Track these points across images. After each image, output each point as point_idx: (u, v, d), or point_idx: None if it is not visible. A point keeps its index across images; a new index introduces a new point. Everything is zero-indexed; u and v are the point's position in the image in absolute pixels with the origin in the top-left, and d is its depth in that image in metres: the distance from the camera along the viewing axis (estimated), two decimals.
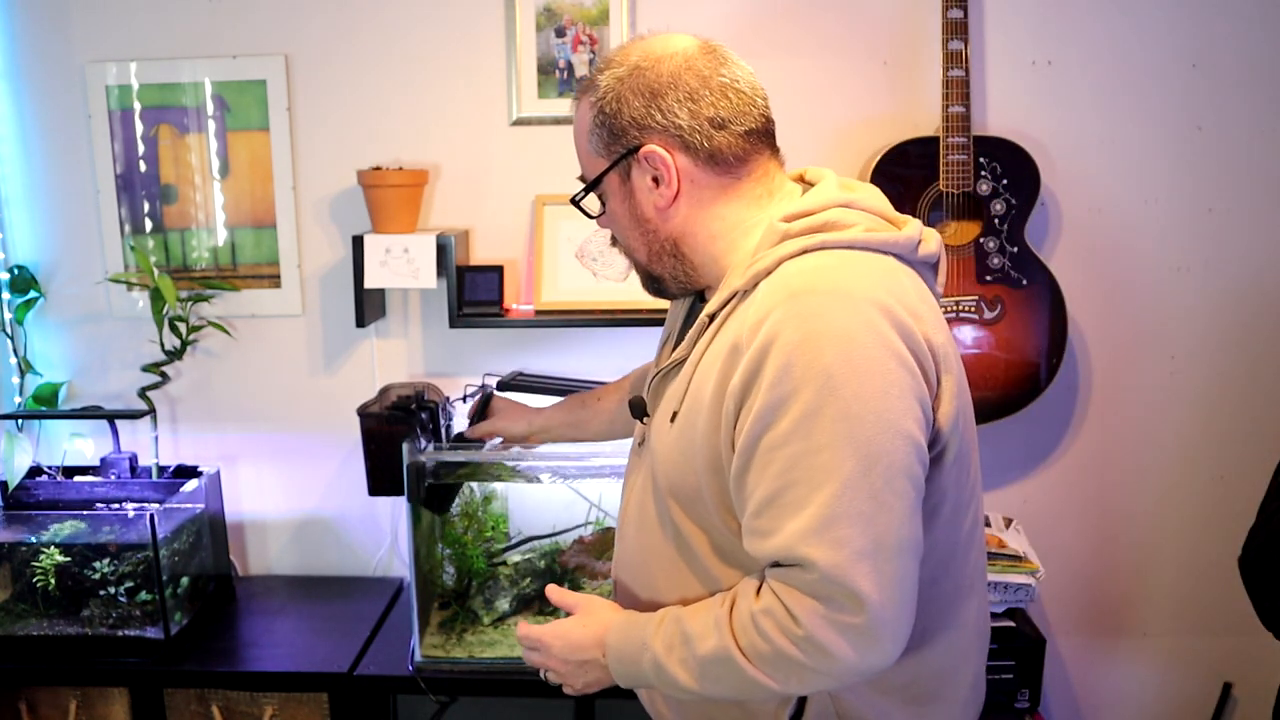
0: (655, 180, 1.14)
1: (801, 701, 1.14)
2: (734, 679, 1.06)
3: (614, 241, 1.26)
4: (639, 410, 1.25)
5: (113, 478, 2.08)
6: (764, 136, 1.16)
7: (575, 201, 1.22)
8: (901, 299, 1.04)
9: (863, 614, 0.98)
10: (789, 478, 1.00)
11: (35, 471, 2.10)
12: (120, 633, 1.89)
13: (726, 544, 1.14)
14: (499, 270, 2.02)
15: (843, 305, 1.00)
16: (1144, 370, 2.14)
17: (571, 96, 1.21)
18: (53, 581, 1.90)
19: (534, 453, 1.79)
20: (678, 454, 1.14)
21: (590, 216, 1.23)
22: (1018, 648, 1.86)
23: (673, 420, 1.15)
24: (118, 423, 2.11)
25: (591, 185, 1.19)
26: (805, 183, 1.22)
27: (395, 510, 2.23)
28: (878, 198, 1.17)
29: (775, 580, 1.03)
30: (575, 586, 1.91)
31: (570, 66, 2.05)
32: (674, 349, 1.23)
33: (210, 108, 2.11)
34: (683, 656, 1.08)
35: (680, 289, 1.22)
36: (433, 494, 1.83)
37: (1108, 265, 2.10)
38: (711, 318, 1.13)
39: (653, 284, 1.24)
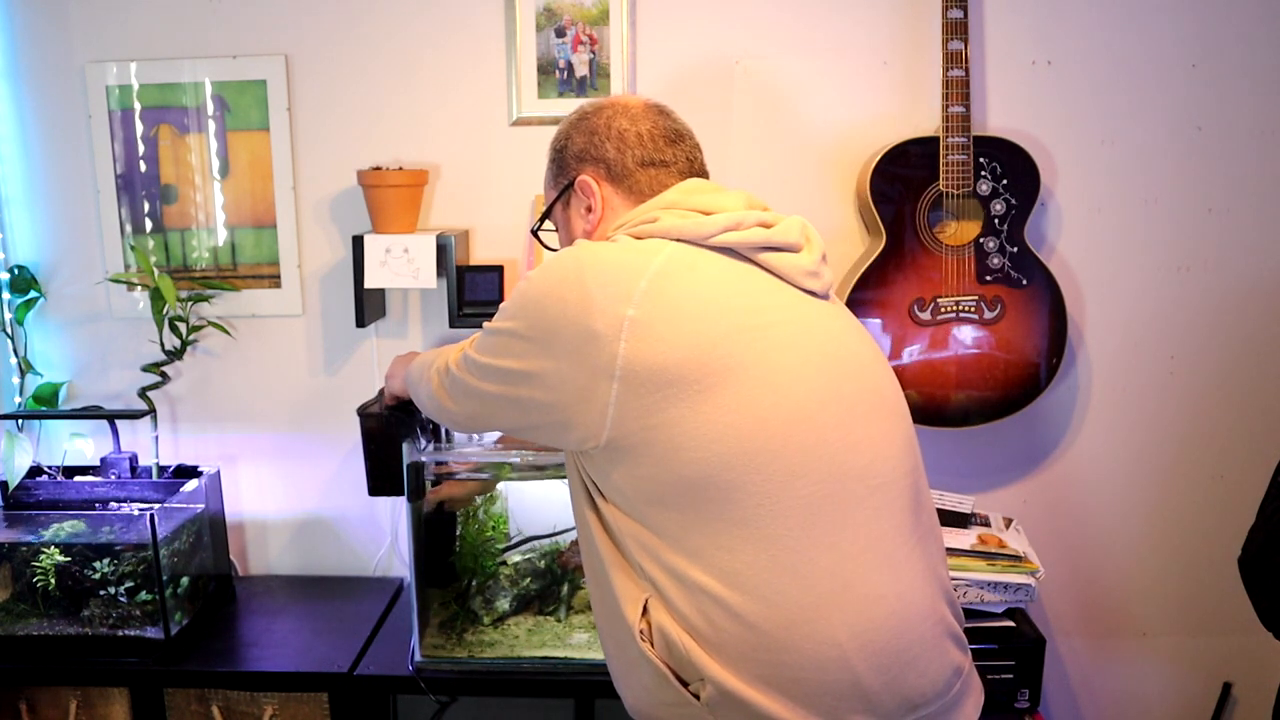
0: (589, 209, 1.33)
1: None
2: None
3: None
4: None
5: (113, 478, 2.08)
6: (687, 177, 1.32)
7: (534, 231, 1.44)
8: (605, 266, 1.16)
9: None
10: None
11: (35, 471, 2.10)
12: (120, 633, 1.89)
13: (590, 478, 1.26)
14: (499, 270, 2.02)
15: (549, 261, 1.21)
16: (1144, 370, 2.14)
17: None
18: (53, 581, 1.90)
19: (534, 452, 1.79)
20: None
21: (546, 247, 1.43)
22: (1018, 648, 1.86)
23: None
24: (118, 423, 2.11)
25: (545, 214, 1.41)
26: None
27: (395, 510, 2.23)
28: (730, 199, 1.27)
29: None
30: (575, 587, 1.92)
31: (570, 66, 2.05)
32: None
33: (210, 108, 2.11)
34: None
35: None
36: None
37: (1108, 265, 2.10)
38: None
39: None
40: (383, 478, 1.91)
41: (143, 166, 2.13)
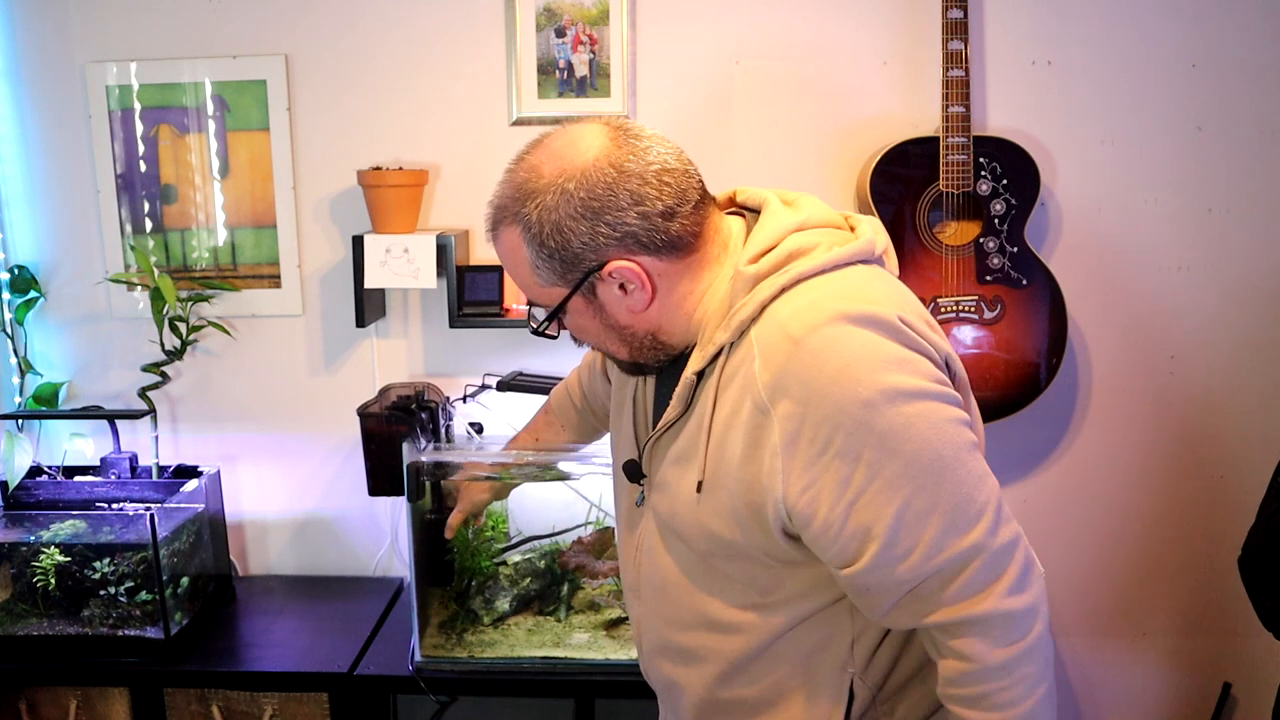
0: (623, 288, 1.11)
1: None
2: None
3: (576, 341, 1.23)
4: (635, 474, 1.25)
5: (113, 478, 2.08)
6: (705, 200, 1.14)
7: (538, 332, 1.18)
8: (893, 305, 1.06)
9: (1014, 566, 1.07)
10: (894, 533, 1.03)
11: (35, 471, 2.10)
12: (120, 633, 1.89)
13: (766, 578, 1.17)
14: (499, 270, 2.02)
15: (848, 343, 1.02)
16: (1144, 370, 2.14)
17: (487, 229, 1.16)
18: (53, 581, 1.90)
19: (534, 453, 1.79)
20: (716, 519, 1.13)
21: (553, 338, 1.20)
22: None
23: (699, 489, 1.13)
24: (118, 423, 2.11)
25: (554, 314, 1.16)
26: (738, 205, 1.22)
27: (395, 510, 2.23)
28: (821, 208, 1.17)
29: (938, 631, 1.09)
30: (576, 586, 1.91)
31: (570, 66, 2.05)
32: (654, 412, 1.24)
33: (210, 108, 2.11)
34: None
35: (660, 365, 1.21)
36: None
37: (1108, 265, 2.10)
38: (699, 375, 1.13)
39: (636, 369, 1.23)
40: (383, 478, 1.91)
41: (143, 166, 2.13)
